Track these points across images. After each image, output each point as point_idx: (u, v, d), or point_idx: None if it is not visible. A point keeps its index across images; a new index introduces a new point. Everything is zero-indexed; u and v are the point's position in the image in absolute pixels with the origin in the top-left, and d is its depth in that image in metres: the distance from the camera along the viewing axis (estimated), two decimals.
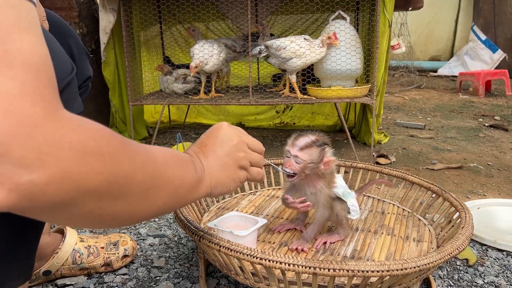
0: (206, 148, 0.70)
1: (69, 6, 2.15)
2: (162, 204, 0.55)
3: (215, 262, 0.91)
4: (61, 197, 0.40)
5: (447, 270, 1.10)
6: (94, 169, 0.42)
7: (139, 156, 0.49)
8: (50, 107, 0.39)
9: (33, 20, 0.41)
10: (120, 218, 0.50)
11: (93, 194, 0.43)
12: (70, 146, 0.39)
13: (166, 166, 0.55)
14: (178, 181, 0.58)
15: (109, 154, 0.44)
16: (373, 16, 1.98)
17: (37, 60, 0.40)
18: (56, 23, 0.78)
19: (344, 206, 1.03)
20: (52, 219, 0.45)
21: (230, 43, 2.20)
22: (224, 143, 0.72)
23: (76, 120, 0.42)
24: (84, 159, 0.41)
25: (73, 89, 0.60)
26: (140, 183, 0.49)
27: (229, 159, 0.71)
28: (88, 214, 0.45)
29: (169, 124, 2.81)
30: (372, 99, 1.93)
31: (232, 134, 0.74)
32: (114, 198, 0.46)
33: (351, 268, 0.73)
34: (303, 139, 0.97)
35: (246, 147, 0.75)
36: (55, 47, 0.59)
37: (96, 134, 0.43)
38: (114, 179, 0.45)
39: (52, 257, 1.02)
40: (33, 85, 0.38)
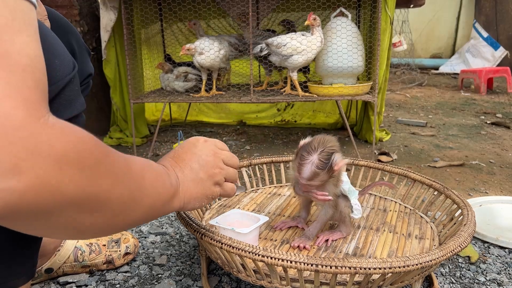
0: (182, 163, 0.70)
1: (70, 4, 2.15)
2: (138, 217, 0.55)
3: (217, 259, 0.91)
4: (38, 206, 0.38)
5: (449, 267, 1.10)
6: (73, 179, 0.40)
7: (119, 169, 0.48)
8: (33, 111, 0.37)
9: (28, 21, 0.40)
10: (96, 230, 0.49)
11: (71, 205, 0.41)
12: (50, 153, 0.38)
13: (144, 179, 0.55)
14: (155, 195, 0.58)
15: (90, 166, 0.42)
16: (374, 13, 1.98)
17: (25, 61, 0.38)
18: (57, 21, 0.78)
19: (348, 203, 1.03)
20: (28, 229, 0.43)
21: (233, 41, 2.20)
22: (200, 159, 0.71)
23: (59, 127, 0.40)
24: (63, 169, 0.39)
25: (75, 87, 0.60)
26: (119, 197, 0.48)
27: (204, 175, 0.71)
28: (65, 225, 0.44)
29: (170, 122, 2.81)
30: (374, 97, 1.93)
31: (208, 150, 0.74)
32: (92, 211, 0.45)
33: (353, 265, 0.73)
34: (306, 168, 0.93)
35: (222, 163, 0.75)
36: (57, 45, 0.59)
37: (79, 143, 0.41)
38: (92, 191, 0.43)
39: (54, 255, 1.02)
40: (16, 87, 0.37)
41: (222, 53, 2.04)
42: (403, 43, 4.27)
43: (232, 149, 2.23)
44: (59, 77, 0.56)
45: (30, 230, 0.43)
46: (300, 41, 1.87)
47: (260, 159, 1.40)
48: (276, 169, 1.71)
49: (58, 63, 0.56)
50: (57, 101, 0.56)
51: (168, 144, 2.34)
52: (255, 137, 2.49)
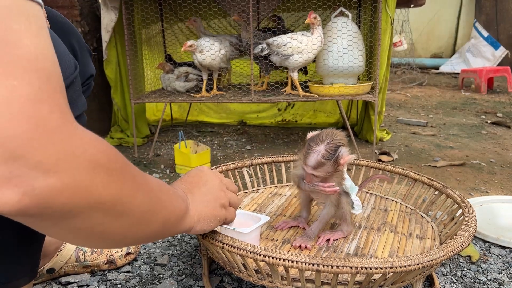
0: (191, 185, 0.74)
1: (71, 4, 2.15)
2: (154, 230, 0.56)
3: (218, 259, 0.92)
4: (70, 206, 0.40)
5: (450, 267, 1.10)
6: (103, 183, 0.42)
7: (139, 177, 0.51)
8: (66, 115, 0.39)
9: (41, 24, 0.40)
10: (117, 238, 0.51)
11: (99, 207, 0.43)
12: (85, 156, 0.40)
13: (161, 192, 0.57)
14: (171, 208, 0.60)
15: (117, 171, 0.45)
16: (375, 13, 1.98)
17: (49, 66, 0.39)
18: (58, 21, 0.78)
19: (349, 200, 1.03)
20: (53, 229, 0.44)
21: (234, 41, 2.20)
22: (208, 183, 0.76)
23: (88, 133, 0.42)
24: (95, 172, 0.41)
25: (76, 87, 0.61)
26: (140, 204, 0.50)
27: (212, 197, 0.75)
28: (89, 229, 0.45)
29: (171, 122, 2.81)
30: (374, 97, 1.93)
31: (213, 175, 0.79)
32: (117, 216, 0.47)
33: (355, 265, 0.73)
34: (313, 157, 0.94)
35: (225, 187, 0.80)
36: (59, 46, 0.59)
37: (106, 149, 0.44)
38: (119, 195, 0.45)
39: (56, 255, 1.02)
40: (49, 92, 0.38)
41: (223, 53, 2.04)
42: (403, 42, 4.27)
43: (233, 149, 2.23)
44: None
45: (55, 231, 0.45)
46: (301, 41, 1.87)
47: (261, 159, 1.41)
48: (277, 169, 1.71)
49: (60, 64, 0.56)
50: None
51: (169, 144, 2.35)
52: (256, 137, 2.49)
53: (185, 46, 1.96)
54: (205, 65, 2.04)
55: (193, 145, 1.91)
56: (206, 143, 2.35)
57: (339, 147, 0.95)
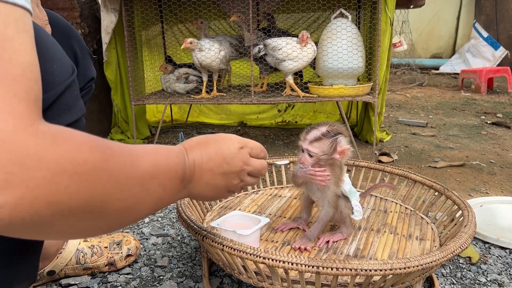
0: (206, 158, 0.66)
1: (71, 6, 2.16)
2: (141, 214, 0.53)
3: (218, 261, 0.92)
4: (33, 218, 0.38)
5: (450, 268, 1.10)
6: (67, 189, 0.39)
7: (121, 173, 0.46)
8: (21, 122, 0.36)
9: (22, 28, 0.39)
10: (98, 231, 0.49)
11: (68, 214, 0.40)
12: (41, 165, 0.37)
13: (152, 179, 0.52)
14: (161, 193, 0.55)
15: (85, 173, 0.40)
16: (374, 14, 1.98)
17: (16, 71, 0.37)
18: (59, 25, 0.78)
19: (349, 204, 1.03)
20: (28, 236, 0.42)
21: (234, 42, 2.20)
22: (226, 166, 0.68)
23: (51, 135, 0.39)
24: (55, 179, 0.38)
25: (74, 91, 0.59)
26: (120, 202, 0.46)
27: (223, 181, 0.69)
28: (68, 231, 0.43)
29: (171, 123, 2.81)
30: (374, 97, 1.93)
31: (238, 160, 0.69)
32: (91, 217, 0.44)
33: (354, 267, 0.73)
34: (313, 132, 0.97)
35: (246, 176, 0.72)
36: (55, 49, 0.58)
37: (72, 151, 0.40)
38: (90, 199, 0.42)
39: (56, 257, 1.02)
40: (4, 97, 0.36)
41: (222, 54, 2.05)
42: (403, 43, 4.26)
43: None
44: (57, 82, 0.55)
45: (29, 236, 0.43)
46: (295, 49, 1.90)
47: None
48: (277, 170, 1.71)
49: (56, 68, 0.55)
50: (56, 106, 0.56)
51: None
52: (256, 138, 2.49)
53: (185, 43, 1.96)
54: (204, 66, 2.05)
55: None
56: None
57: (340, 134, 0.97)
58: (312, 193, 1.04)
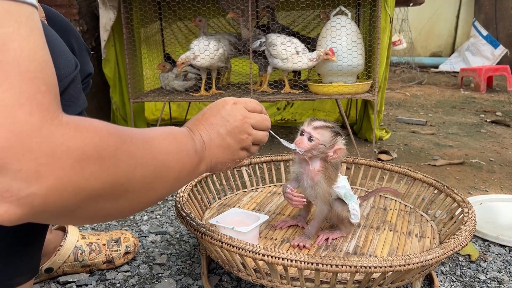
0: (210, 127, 0.68)
1: (69, 3, 2.15)
2: (165, 190, 0.56)
3: (217, 258, 0.91)
4: (63, 205, 0.40)
5: (450, 266, 1.10)
6: (93, 174, 0.41)
7: (138, 151, 0.48)
8: (47, 114, 0.38)
9: (33, 25, 0.40)
10: (125, 212, 0.51)
11: (96, 197, 0.43)
12: (68, 154, 0.39)
13: (167, 154, 0.55)
14: (180, 167, 0.58)
15: (108, 156, 0.43)
16: (374, 11, 1.98)
17: (35, 67, 0.39)
18: (57, 20, 0.78)
19: (346, 208, 1.02)
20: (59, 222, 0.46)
21: (233, 40, 2.19)
22: (228, 124, 0.70)
23: (73, 124, 0.41)
24: (82, 166, 0.40)
25: (77, 85, 0.61)
26: (142, 179, 0.49)
27: (232, 140, 0.70)
28: (93, 214, 0.45)
29: (170, 121, 2.81)
30: (374, 95, 1.93)
31: (237, 114, 0.71)
32: (117, 197, 0.46)
33: (354, 264, 0.73)
34: (319, 121, 0.99)
35: (250, 128, 0.73)
36: (59, 43, 0.59)
37: (94, 136, 0.42)
38: (115, 180, 0.44)
39: (54, 254, 1.02)
40: (29, 94, 0.38)
41: (221, 52, 2.04)
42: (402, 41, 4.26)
43: None
44: (63, 75, 0.57)
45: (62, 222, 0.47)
46: (288, 51, 1.91)
47: (260, 158, 1.40)
48: (276, 168, 1.71)
49: (61, 62, 0.57)
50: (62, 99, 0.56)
51: None
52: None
53: (178, 66, 1.95)
54: (205, 67, 2.05)
55: None
56: None
57: (340, 135, 1.00)
58: (305, 191, 1.03)
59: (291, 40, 1.95)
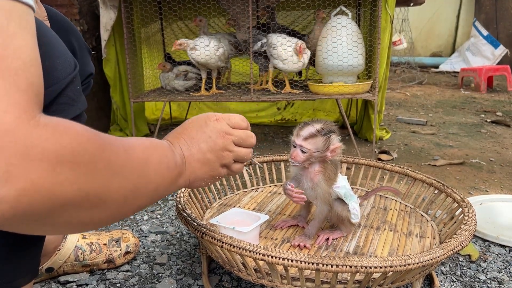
0: (190, 141, 0.67)
1: (70, 3, 2.15)
2: (142, 203, 0.54)
3: (217, 258, 0.91)
4: (34, 211, 0.38)
5: (450, 266, 1.10)
6: (68, 179, 0.39)
7: (118, 160, 0.47)
8: (23, 114, 0.37)
9: (24, 24, 0.40)
10: (100, 223, 0.49)
11: (69, 205, 0.41)
12: (42, 156, 0.37)
13: (147, 166, 0.53)
14: (159, 179, 0.56)
15: (85, 163, 0.41)
16: (374, 11, 1.98)
17: (18, 65, 0.38)
18: (58, 20, 0.78)
19: (346, 207, 1.02)
20: (31, 230, 0.43)
21: (233, 39, 2.19)
22: (210, 140, 0.68)
23: (52, 126, 0.39)
24: (57, 170, 0.38)
25: (76, 86, 0.60)
26: (119, 190, 0.47)
27: (213, 156, 0.69)
28: (67, 223, 0.43)
29: (170, 121, 2.81)
30: (374, 95, 1.93)
31: (219, 130, 0.70)
32: (92, 207, 0.44)
33: (354, 264, 0.73)
34: (307, 129, 0.96)
35: (232, 145, 0.72)
36: (58, 44, 0.59)
37: (72, 141, 0.40)
38: (90, 188, 0.42)
39: (55, 254, 1.02)
40: (7, 91, 0.36)
41: (221, 51, 2.04)
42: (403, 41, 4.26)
43: None
44: (61, 76, 0.56)
45: (31, 231, 0.43)
46: (287, 51, 1.93)
47: (261, 158, 1.40)
48: (277, 168, 1.71)
49: (59, 63, 0.56)
50: (60, 101, 0.56)
51: None
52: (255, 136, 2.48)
53: (174, 45, 1.96)
54: (201, 63, 2.03)
55: None
56: None
57: (333, 132, 0.97)
58: (305, 192, 1.04)
59: (291, 40, 1.95)
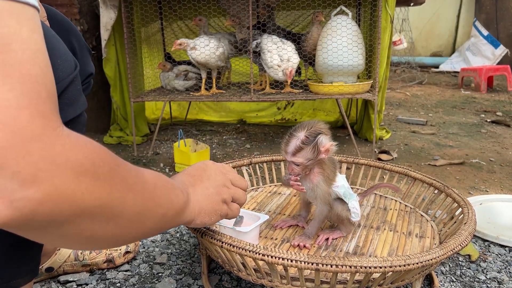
0: (193, 178, 0.73)
1: (70, 2, 2.15)
2: (150, 227, 0.55)
3: (217, 258, 0.91)
4: (54, 216, 0.39)
5: (450, 266, 1.10)
6: (88, 189, 0.40)
7: (131, 177, 0.48)
8: (49, 122, 0.38)
9: (34, 27, 0.39)
10: (108, 240, 0.50)
11: (86, 214, 0.42)
12: (67, 164, 0.38)
13: (156, 188, 0.54)
14: (168, 205, 0.58)
15: (104, 175, 0.43)
16: (375, 11, 1.98)
17: (37, 72, 0.38)
18: (58, 20, 0.78)
19: (346, 207, 1.02)
20: (42, 238, 0.43)
21: (233, 39, 2.19)
22: (211, 177, 0.75)
23: (73, 138, 0.40)
24: (79, 179, 0.39)
25: (77, 86, 0.60)
26: (132, 206, 0.48)
27: (214, 191, 0.74)
28: (78, 235, 0.44)
29: (170, 120, 2.81)
30: (374, 95, 1.93)
31: (217, 170, 0.78)
32: (106, 220, 0.45)
33: (354, 264, 0.73)
34: (292, 143, 0.95)
35: (230, 183, 0.78)
36: (58, 44, 0.59)
37: (93, 153, 0.42)
38: (107, 200, 0.44)
39: (55, 254, 1.02)
40: (31, 98, 0.37)
41: (220, 51, 2.04)
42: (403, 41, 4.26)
43: (233, 148, 2.23)
44: (62, 77, 0.56)
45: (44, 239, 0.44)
46: (273, 59, 1.94)
47: (261, 158, 1.40)
48: (277, 168, 1.71)
49: (60, 63, 0.56)
50: (61, 101, 0.56)
51: (168, 143, 2.34)
52: (256, 135, 2.49)
53: (174, 45, 1.96)
54: (201, 63, 2.04)
55: (192, 144, 1.90)
56: (206, 141, 2.35)
57: (319, 134, 0.95)
58: (304, 193, 1.04)
59: (282, 46, 1.95)
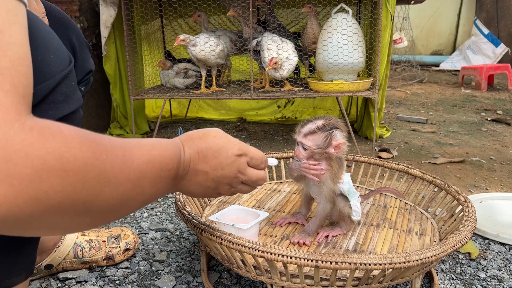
0: (203, 164, 0.65)
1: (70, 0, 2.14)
2: (130, 211, 0.52)
3: (217, 255, 0.91)
4: (16, 215, 0.36)
5: (450, 263, 1.10)
6: (53, 187, 0.37)
7: (113, 170, 0.44)
8: (6, 116, 0.35)
9: (13, 19, 0.38)
10: (86, 227, 0.47)
11: (52, 211, 0.39)
12: (26, 161, 0.35)
13: (143, 178, 0.50)
14: (153, 192, 0.54)
15: (74, 170, 0.39)
16: (375, 9, 1.97)
17: (4, 64, 0.36)
18: (57, 16, 0.78)
19: (348, 204, 1.02)
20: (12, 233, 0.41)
21: (234, 37, 2.19)
22: (219, 172, 0.67)
23: (38, 130, 0.37)
24: (41, 177, 0.36)
25: (71, 82, 0.59)
26: (108, 200, 0.44)
27: (213, 185, 0.68)
28: (49, 227, 0.42)
29: (170, 118, 2.81)
30: (374, 93, 1.92)
31: (233, 167, 0.69)
32: (78, 214, 0.42)
33: (354, 261, 0.73)
34: (308, 126, 0.96)
35: (238, 183, 0.72)
36: (52, 39, 0.58)
37: (60, 146, 0.38)
38: (78, 197, 0.40)
39: (54, 251, 1.02)
40: None
41: (220, 49, 2.03)
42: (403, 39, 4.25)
43: None
44: (54, 72, 0.54)
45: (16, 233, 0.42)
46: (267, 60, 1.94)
47: None
48: (276, 166, 1.70)
49: (53, 58, 0.55)
50: (53, 97, 0.55)
51: None
52: (256, 133, 2.48)
53: (177, 40, 1.95)
54: (200, 60, 2.03)
55: None
56: None
57: (336, 128, 0.96)
58: (309, 188, 1.04)
59: (281, 44, 1.95)
